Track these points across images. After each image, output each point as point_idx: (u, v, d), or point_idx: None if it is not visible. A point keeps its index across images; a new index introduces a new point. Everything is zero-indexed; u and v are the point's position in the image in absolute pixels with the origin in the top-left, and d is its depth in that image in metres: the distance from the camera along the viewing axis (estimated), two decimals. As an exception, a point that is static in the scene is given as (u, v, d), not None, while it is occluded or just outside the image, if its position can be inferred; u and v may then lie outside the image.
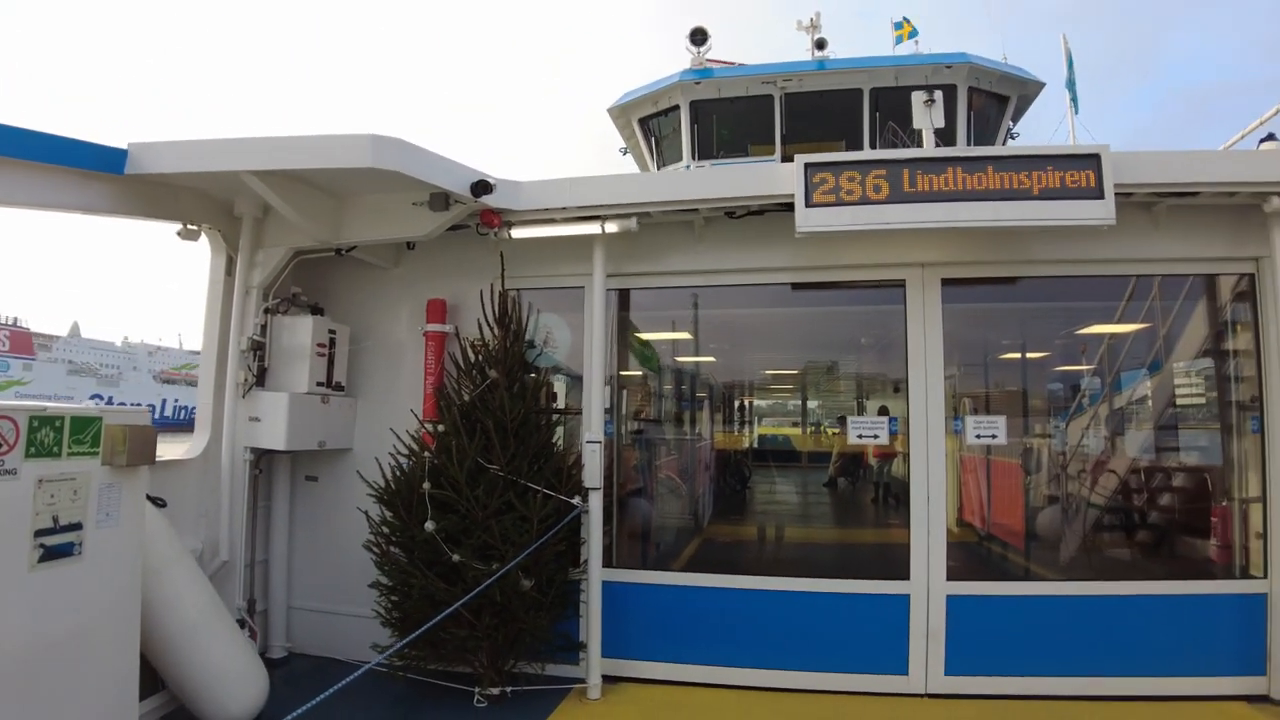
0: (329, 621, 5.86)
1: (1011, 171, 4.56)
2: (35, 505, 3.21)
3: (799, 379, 9.10)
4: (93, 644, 3.54)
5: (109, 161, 4.60)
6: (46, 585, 3.27)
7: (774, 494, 8.82)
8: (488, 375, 5.18)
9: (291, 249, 5.47)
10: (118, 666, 3.71)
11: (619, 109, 12.54)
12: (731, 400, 8.99)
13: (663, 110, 12.03)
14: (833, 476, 8.53)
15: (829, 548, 7.89)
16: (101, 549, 3.52)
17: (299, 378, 5.44)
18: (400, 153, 4.56)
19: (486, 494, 4.87)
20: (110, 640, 3.65)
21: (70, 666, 3.41)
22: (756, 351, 8.72)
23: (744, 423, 9.31)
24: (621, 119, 12.75)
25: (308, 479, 6.00)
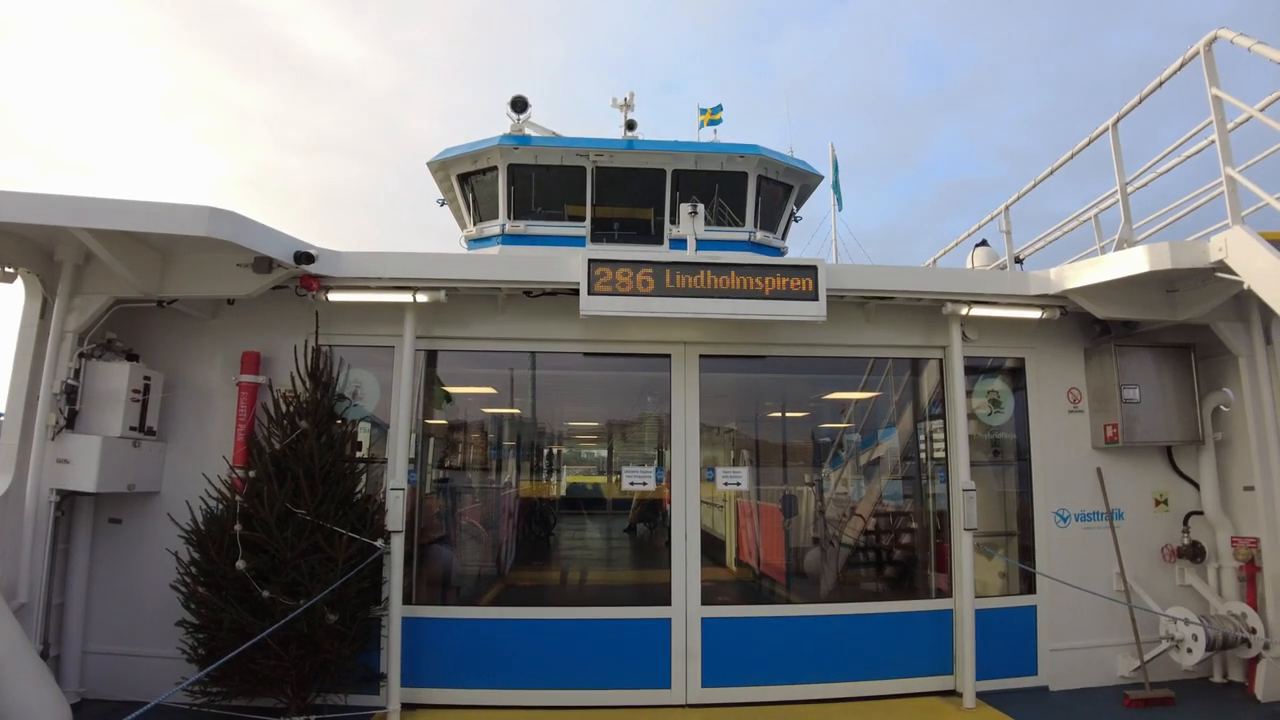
0: (128, 664, 5.96)
1: (750, 276, 5.81)
2: None
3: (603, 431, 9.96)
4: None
5: None
6: None
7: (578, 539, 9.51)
8: (298, 425, 5.64)
9: (112, 297, 5.70)
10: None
11: (439, 163, 13.02)
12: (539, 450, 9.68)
13: (481, 169, 12.59)
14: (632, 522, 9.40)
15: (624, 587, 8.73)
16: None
17: (112, 422, 5.63)
18: (234, 224, 5.06)
19: (295, 536, 5.33)
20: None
21: None
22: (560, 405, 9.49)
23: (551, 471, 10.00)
24: (441, 173, 13.22)
25: (111, 521, 6.11)
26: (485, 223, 12.78)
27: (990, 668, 6.23)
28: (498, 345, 6.61)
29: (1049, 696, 6.32)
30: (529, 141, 12.28)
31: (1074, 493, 6.79)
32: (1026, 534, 6.80)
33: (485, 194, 12.78)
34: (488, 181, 12.65)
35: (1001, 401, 6.99)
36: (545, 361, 7.17)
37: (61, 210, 4.95)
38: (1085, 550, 6.67)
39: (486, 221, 12.77)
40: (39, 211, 4.95)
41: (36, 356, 5.61)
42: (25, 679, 4.65)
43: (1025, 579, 6.69)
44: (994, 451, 7.12)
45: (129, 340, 6.13)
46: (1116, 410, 6.59)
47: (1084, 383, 6.97)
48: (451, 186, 13.27)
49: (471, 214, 13.12)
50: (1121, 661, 6.48)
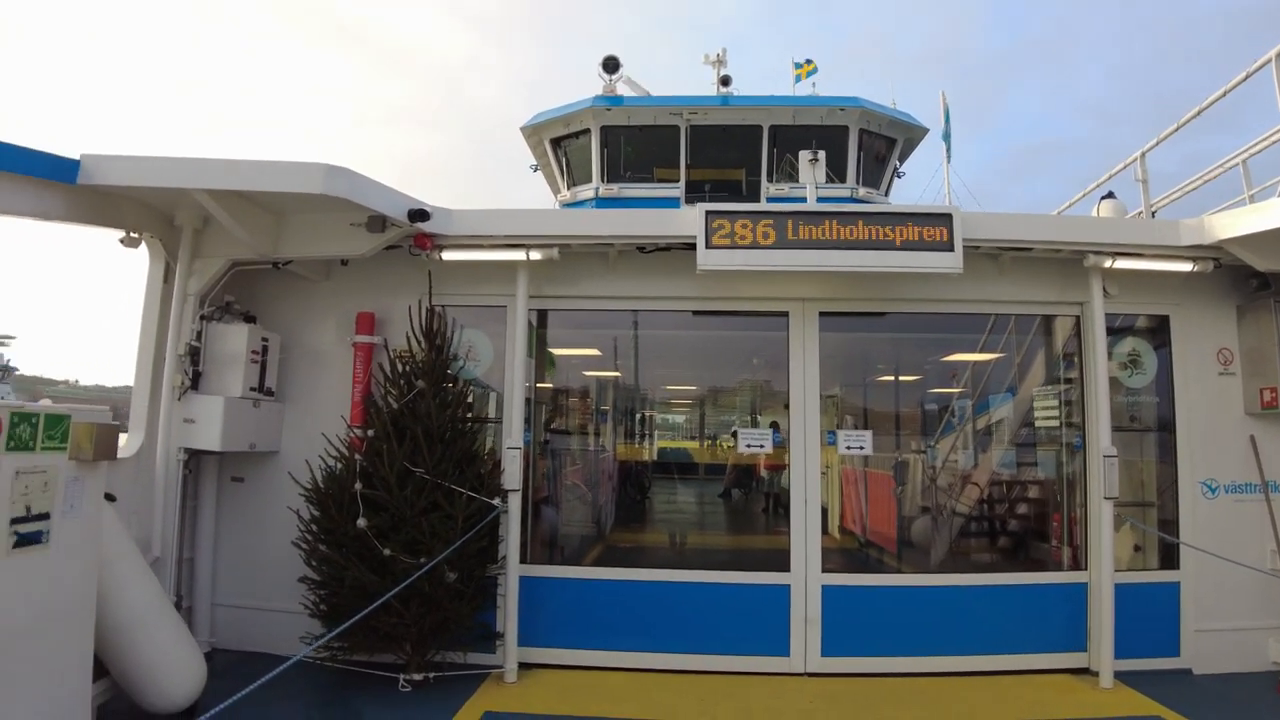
0: (252, 617, 6.14)
1: (878, 225, 5.43)
2: (12, 494, 3.47)
3: (699, 395, 9.80)
4: (55, 629, 3.78)
5: (62, 171, 4.82)
6: (18, 571, 3.53)
7: (673, 503, 9.43)
8: (415, 385, 5.62)
9: (229, 260, 5.78)
10: (76, 652, 3.96)
11: (531, 128, 13.00)
12: (636, 414, 9.61)
13: (574, 133, 12.53)
14: (727, 487, 9.23)
15: (722, 551, 8.59)
16: (65, 538, 3.79)
17: (233, 383, 5.74)
18: (349, 181, 4.99)
19: (415, 494, 5.32)
20: (70, 626, 3.91)
21: (35, 650, 3.65)
22: (660, 369, 9.36)
23: (644, 435, 9.93)
24: (534, 138, 13.20)
25: (234, 480, 6.27)
26: (579, 186, 12.69)
27: (1127, 647, 5.82)
28: (607, 304, 6.44)
29: (1193, 680, 5.88)
30: (621, 102, 12.08)
31: (1224, 462, 6.25)
32: (1168, 506, 6.33)
33: (578, 158, 12.69)
34: (581, 145, 12.55)
35: (1142, 362, 6.48)
36: (651, 322, 6.96)
37: (181, 171, 4.98)
38: (1235, 524, 6.15)
39: (580, 185, 12.67)
40: (160, 174, 5.00)
41: (161, 319, 5.74)
42: (166, 630, 4.79)
43: (1166, 554, 6.22)
44: (1129, 417, 6.63)
45: (246, 303, 6.23)
46: (1276, 373, 6.03)
47: (1236, 343, 6.39)
48: (545, 151, 13.21)
49: (565, 178, 13.04)
50: (1275, 646, 5.98)
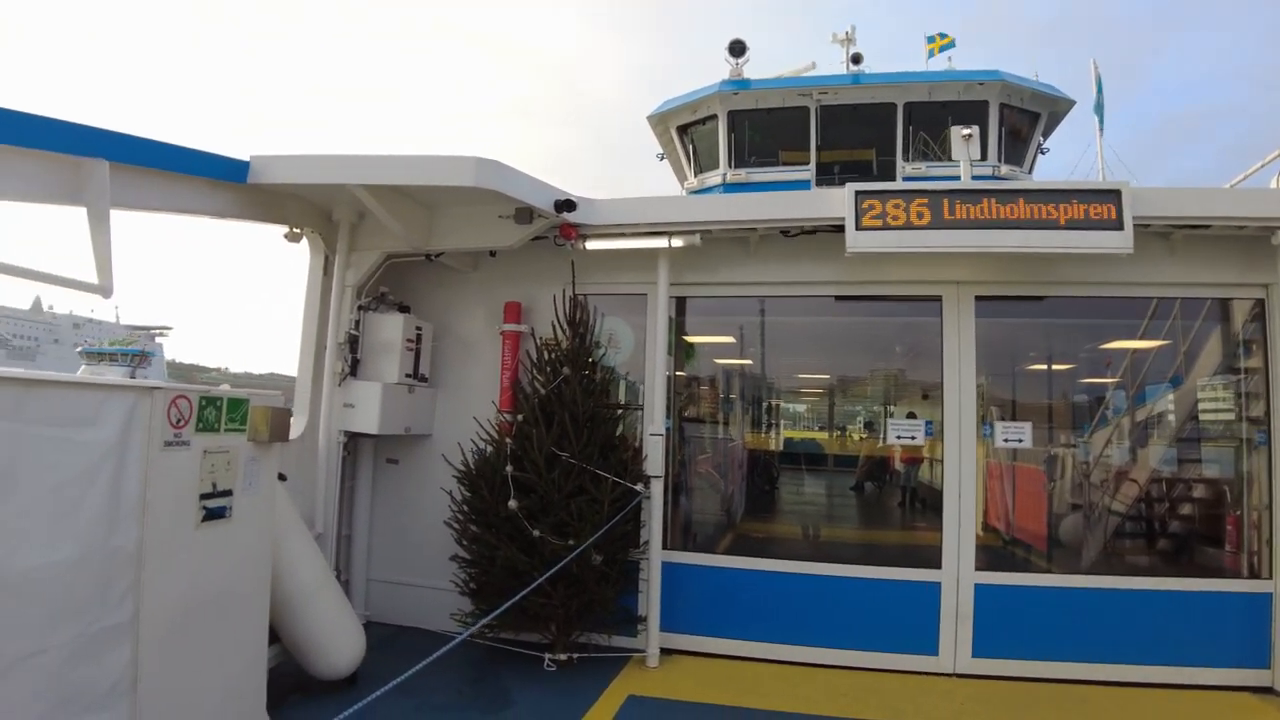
0: (404, 592, 6.43)
1: (1040, 203, 5.11)
2: (201, 472, 3.74)
3: (830, 384, 9.57)
4: (236, 597, 4.06)
5: (233, 172, 5.16)
6: (206, 543, 3.80)
7: (802, 495, 9.27)
8: (560, 371, 5.73)
9: (384, 252, 6.04)
10: (253, 620, 4.25)
11: (658, 117, 13.03)
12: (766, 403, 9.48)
13: (700, 119, 12.48)
14: (859, 480, 8.98)
15: (856, 545, 8.36)
16: (245, 514, 4.05)
17: (390, 369, 6.02)
18: (499, 173, 5.12)
19: (562, 478, 5.43)
20: (249, 595, 4.19)
21: (220, 615, 3.93)
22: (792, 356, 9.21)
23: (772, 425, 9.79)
24: (660, 126, 13.23)
25: (389, 461, 6.58)
26: (706, 173, 12.62)
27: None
28: (747, 290, 6.38)
29: None
30: (749, 85, 11.93)
31: None
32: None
33: (705, 144, 12.62)
34: (707, 131, 12.48)
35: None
36: (787, 308, 6.82)
37: (341, 169, 5.24)
38: None
39: (707, 172, 12.60)
40: (321, 171, 5.28)
41: (322, 310, 6.08)
42: (330, 602, 5.07)
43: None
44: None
45: (400, 293, 6.51)
46: None
47: None
48: (671, 139, 13.21)
49: (692, 165, 12.99)
50: None
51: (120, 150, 4.20)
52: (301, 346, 6.11)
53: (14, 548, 2.82)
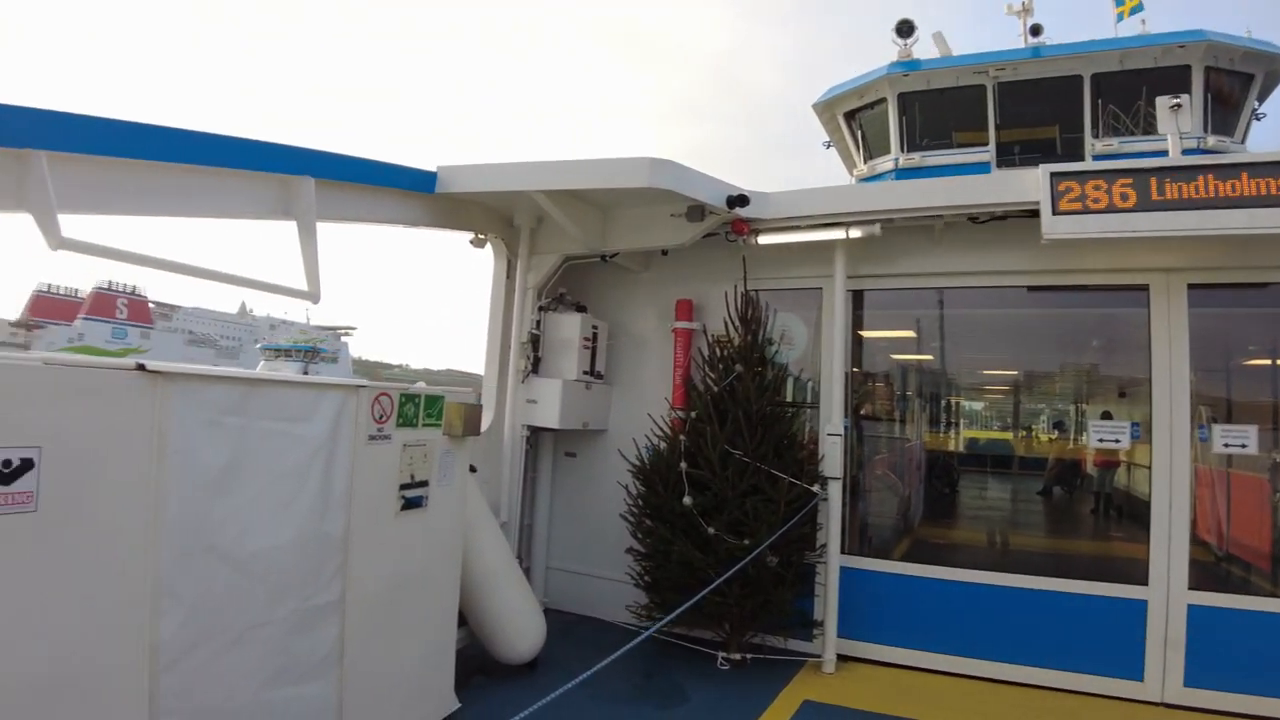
0: (581, 582, 6.62)
1: (1268, 178, 4.50)
2: (400, 464, 4.00)
3: (1016, 381, 8.96)
4: (430, 581, 4.33)
5: (423, 183, 5.48)
6: (404, 530, 4.06)
7: (985, 499, 8.74)
8: (733, 369, 5.68)
9: (562, 255, 6.23)
10: (445, 602, 4.52)
11: (823, 104, 12.71)
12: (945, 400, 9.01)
13: (869, 103, 12.06)
14: (1047, 485, 8.36)
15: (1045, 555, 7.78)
16: (440, 503, 4.29)
17: (569, 366, 6.23)
18: (672, 172, 5.14)
19: (736, 476, 5.39)
20: (442, 579, 4.46)
21: (416, 598, 4.20)
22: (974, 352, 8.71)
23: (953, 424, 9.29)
24: (826, 114, 12.90)
25: (567, 455, 6.81)
26: (876, 159, 12.19)
27: None
28: (930, 281, 6.08)
29: None
30: (919, 66, 11.40)
31: None
32: None
33: (874, 129, 12.20)
34: (876, 116, 12.05)
35: None
36: (970, 300, 6.44)
37: (522, 176, 5.45)
38: None
39: (877, 158, 12.17)
40: (503, 179, 5.51)
41: (506, 311, 6.37)
42: (514, 588, 5.29)
43: None
44: None
45: (577, 294, 6.72)
46: None
47: None
48: (838, 126, 12.85)
49: (861, 152, 12.58)
50: None
51: (325, 168, 4.57)
52: (487, 346, 6.44)
53: (244, 531, 3.12)
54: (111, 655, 2.72)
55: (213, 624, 3.03)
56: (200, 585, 2.97)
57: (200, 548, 2.96)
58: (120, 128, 3.57)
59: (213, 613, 3.03)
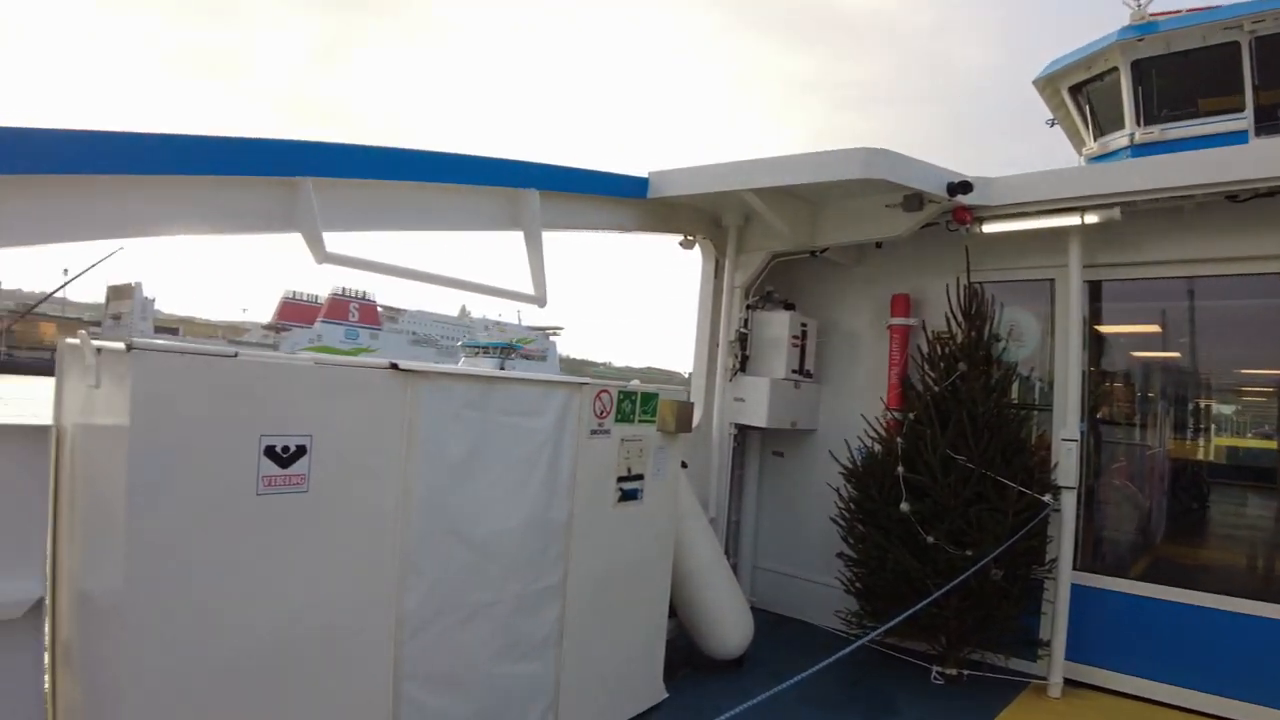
0: (787, 583, 6.55)
1: None
2: (618, 457, 4.15)
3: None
4: (644, 572, 4.46)
5: (636, 189, 5.62)
6: (621, 520, 4.21)
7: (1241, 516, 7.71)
8: (956, 367, 5.38)
9: (770, 252, 6.18)
10: (658, 592, 4.64)
11: (1045, 79, 11.71)
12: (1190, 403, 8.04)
13: (1097, 75, 10.95)
14: None
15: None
16: (654, 497, 4.41)
17: (777, 365, 6.17)
18: (888, 161, 4.94)
19: (958, 483, 5.09)
20: (654, 570, 4.58)
21: (630, 587, 4.34)
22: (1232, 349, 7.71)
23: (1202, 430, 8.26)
24: (1049, 89, 11.88)
25: (774, 454, 6.75)
26: (1108, 135, 11.09)
27: None
28: (1181, 270, 5.43)
29: None
30: (1156, 28, 10.16)
31: None
32: None
33: (1105, 102, 11.07)
34: (1106, 87, 10.93)
35: None
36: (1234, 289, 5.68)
37: (732, 176, 5.44)
38: None
39: (1110, 134, 11.06)
40: (714, 180, 5.52)
41: (714, 310, 6.40)
42: (723, 584, 5.32)
43: None
44: None
45: (785, 291, 6.63)
46: None
47: None
48: (1062, 102, 11.83)
49: (1090, 129, 11.50)
50: None
51: (547, 180, 4.82)
52: (696, 344, 6.51)
53: (481, 514, 3.37)
54: (366, 621, 3.03)
55: (450, 599, 3.29)
56: (441, 563, 3.24)
57: (442, 529, 3.22)
58: (372, 153, 3.98)
59: (451, 589, 3.29)
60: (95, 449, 2.78)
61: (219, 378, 2.55)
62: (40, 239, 3.06)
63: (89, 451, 2.84)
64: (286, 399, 2.71)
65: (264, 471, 2.64)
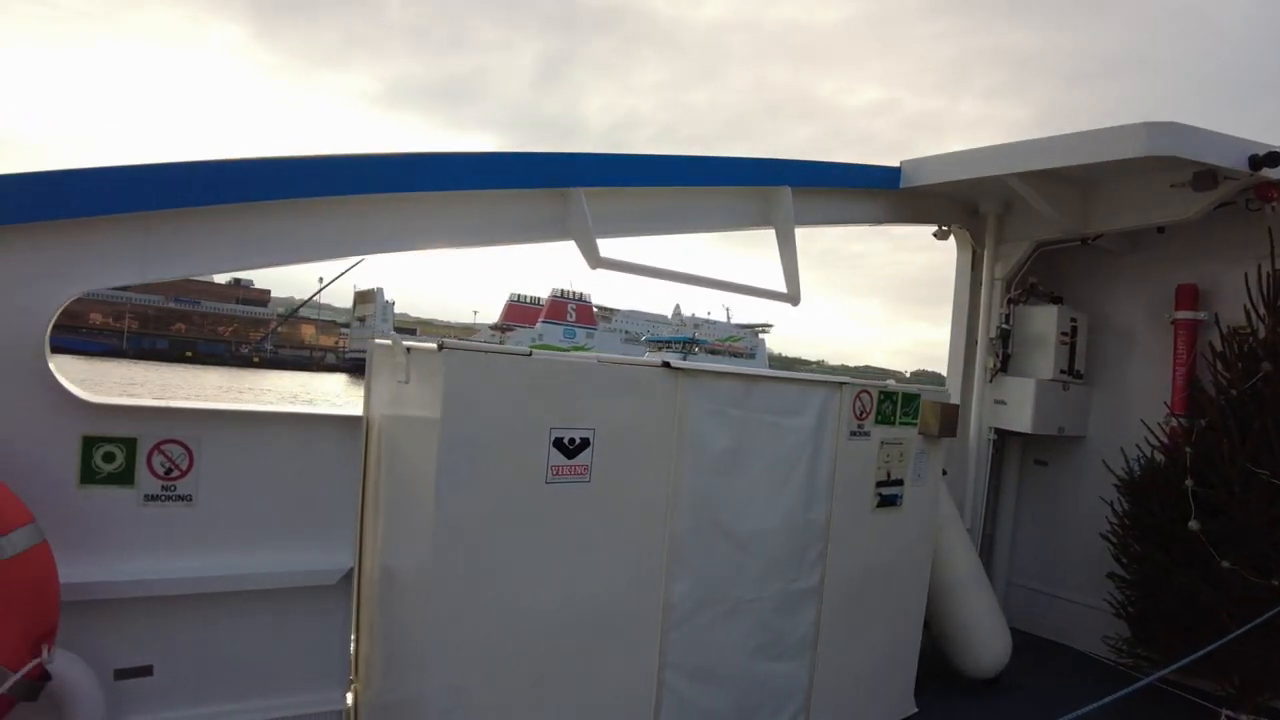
0: (1046, 602, 6.07)
1: None
2: (878, 461, 4.03)
3: None
4: (900, 580, 4.32)
5: (888, 179, 5.43)
6: (878, 526, 4.09)
7: None
8: (1258, 368, 4.72)
9: (1034, 241, 5.74)
10: (913, 603, 4.47)
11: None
12: None
13: None
14: None
15: None
16: (913, 503, 4.25)
17: (1043, 365, 5.73)
18: (1173, 135, 4.40)
19: (1262, 499, 4.46)
20: (911, 580, 4.42)
21: (885, 595, 4.22)
22: None
23: None
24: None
25: (1036, 462, 6.25)
26: None
27: None
28: None
29: None
30: None
31: None
32: None
33: None
34: None
35: None
36: None
37: (994, 160, 5.09)
38: None
39: None
40: (974, 166, 5.18)
41: (971, 305, 6.05)
42: (981, 598, 5.04)
43: None
44: None
45: (1050, 283, 6.12)
46: None
47: None
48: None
49: None
50: None
51: (798, 176, 4.77)
52: (951, 342, 6.20)
53: (743, 512, 3.42)
54: (637, 608, 3.17)
55: (713, 593, 3.37)
56: (705, 557, 3.32)
57: (707, 523, 3.30)
58: (638, 161, 4.16)
59: (714, 583, 3.37)
60: (403, 438, 3.12)
61: (515, 375, 2.77)
62: (338, 253, 3.45)
63: (396, 440, 3.19)
64: (573, 394, 2.90)
65: (553, 462, 2.85)
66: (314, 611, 3.29)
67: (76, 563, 2.71)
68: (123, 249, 2.88)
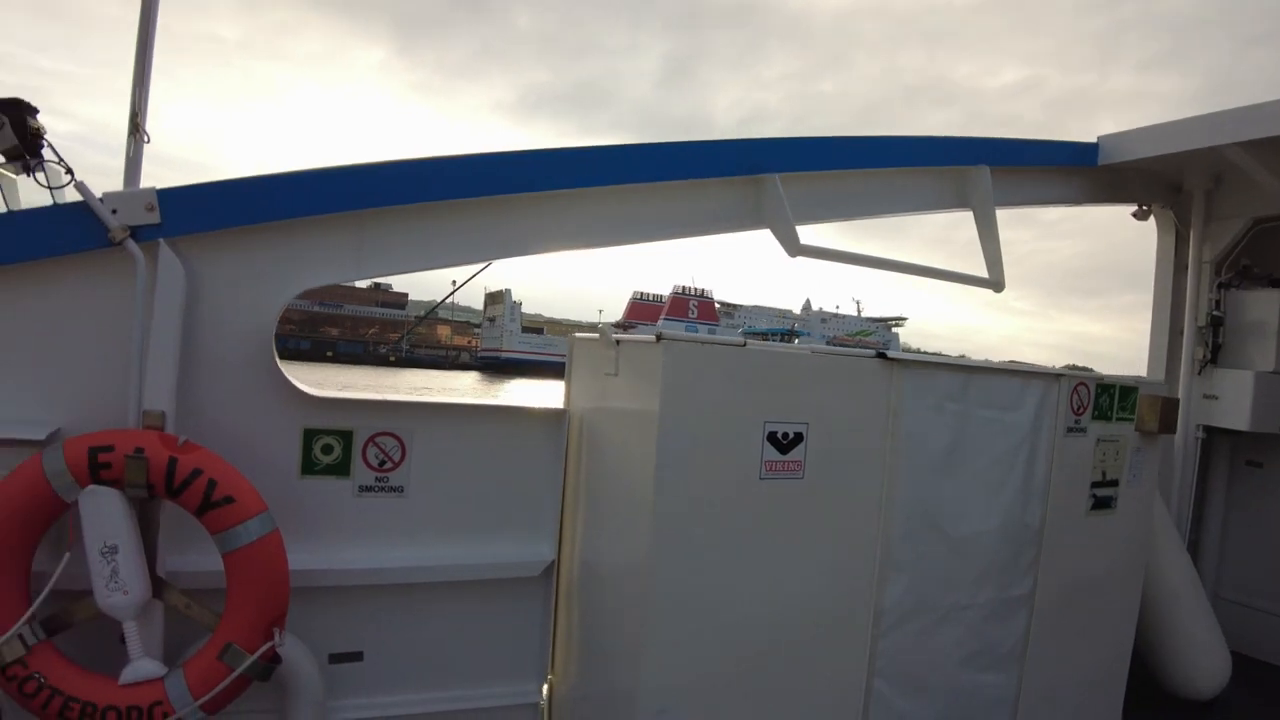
0: (1256, 619, 5.50)
1: None
2: (1094, 459, 3.70)
3: None
4: (1111, 591, 3.96)
5: (1084, 157, 5.04)
6: (1092, 530, 3.75)
7: None
8: None
9: (1250, 218, 5.23)
10: (1124, 616, 4.10)
11: None
12: None
13: None
14: None
15: None
16: (1128, 507, 3.88)
17: (1262, 355, 5.20)
18: None
19: None
20: (1122, 591, 4.05)
21: (1095, 606, 3.88)
22: None
23: None
24: None
25: (1249, 464, 5.66)
26: None
27: None
28: None
29: None
30: None
31: None
32: None
33: None
34: None
35: None
36: None
37: (1209, 131, 4.63)
38: None
39: None
40: (1185, 138, 4.74)
41: (1176, 290, 5.57)
42: (1196, 613, 4.64)
43: None
44: None
45: (1266, 265, 5.53)
46: None
47: None
48: None
49: None
50: None
51: (997, 154, 4.49)
52: (1152, 331, 5.72)
53: (960, 513, 3.20)
54: (848, 612, 3.02)
55: (926, 599, 3.17)
56: (919, 560, 3.12)
57: (923, 525, 3.11)
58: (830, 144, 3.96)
59: (927, 588, 3.16)
60: (611, 431, 3.07)
61: (730, 367, 2.66)
62: (548, 248, 3.42)
63: (601, 433, 3.15)
64: (787, 387, 2.77)
65: (766, 457, 2.73)
66: (516, 603, 3.30)
67: (297, 551, 2.79)
68: (340, 247, 2.97)
